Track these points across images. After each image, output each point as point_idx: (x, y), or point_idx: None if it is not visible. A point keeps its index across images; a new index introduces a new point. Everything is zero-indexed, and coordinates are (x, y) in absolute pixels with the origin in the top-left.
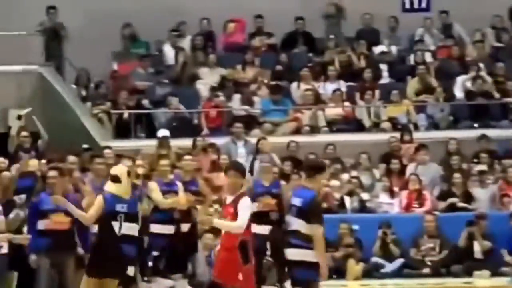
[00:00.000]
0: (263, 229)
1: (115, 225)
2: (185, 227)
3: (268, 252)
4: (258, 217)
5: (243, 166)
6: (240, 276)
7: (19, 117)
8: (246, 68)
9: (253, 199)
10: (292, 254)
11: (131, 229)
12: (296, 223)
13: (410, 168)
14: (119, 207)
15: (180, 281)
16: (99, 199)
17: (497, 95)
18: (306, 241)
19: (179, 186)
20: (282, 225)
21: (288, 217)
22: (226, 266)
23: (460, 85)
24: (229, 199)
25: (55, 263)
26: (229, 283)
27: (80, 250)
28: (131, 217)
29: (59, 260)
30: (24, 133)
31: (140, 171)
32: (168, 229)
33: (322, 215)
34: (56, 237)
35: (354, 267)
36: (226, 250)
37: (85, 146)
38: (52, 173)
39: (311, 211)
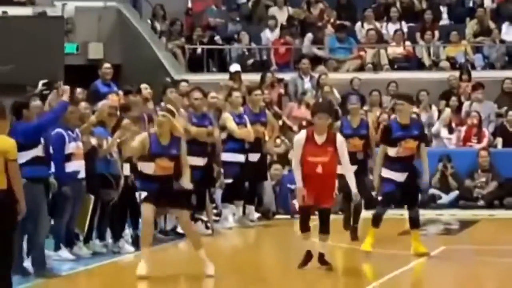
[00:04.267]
0: None
1: None
2: (255, 157)
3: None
4: None
5: (332, 106)
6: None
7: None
8: (310, 8)
9: None
10: None
11: None
12: None
13: (466, 105)
14: None
15: (249, 207)
16: None
17: None
18: None
19: (247, 119)
20: (367, 164)
21: None
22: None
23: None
24: (320, 138)
25: None
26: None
27: None
28: None
29: None
30: (106, 65)
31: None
32: (240, 158)
33: None
34: None
35: None
36: (329, 176)
37: (167, 79)
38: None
39: None
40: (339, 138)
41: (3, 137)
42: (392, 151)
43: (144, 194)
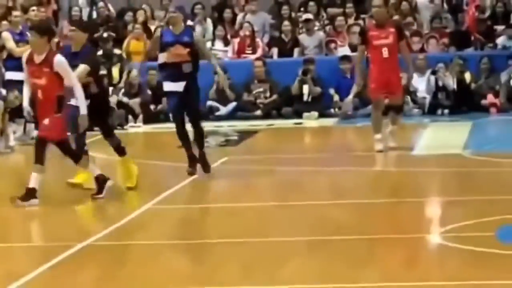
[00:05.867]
0: (177, 86)
1: None
2: None
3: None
4: (170, 72)
5: (48, 25)
6: (46, 121)
7: None
8: None
9: (162, 50)
10: None
11: None
12: None
13: (240, 17)
14: None
15: (30, 125)
16: None
17: None
18: None
19: (29, 35)
20: (196, 79)
21: None
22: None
23: None
24: (38, 58)
25: None
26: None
27: None
28: None
29: None
30: None
31: None
32: (22, 76)
33: None
34: None
35: None
36: (46, 103)
37: None
38: None
39: None
40: (57, 58)
41: None
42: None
43: None
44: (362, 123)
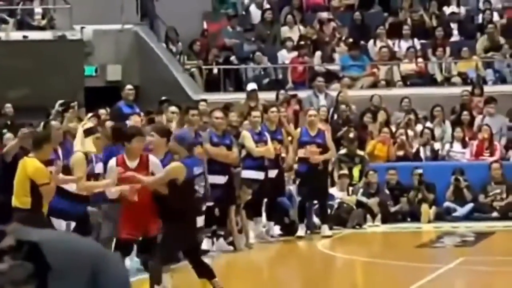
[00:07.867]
0: None
1: None
2: (273, 173)
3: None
4: None
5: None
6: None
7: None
8: (323, 27)
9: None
10: None
11: None
12: None
13: (478, 120)
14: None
15: (269, 223)
16: None
17: None
18: None
19: (268, 136)
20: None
21: None
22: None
23: None
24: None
25: None
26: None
27: None
28: None
29: None
30: (128, 87)
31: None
32: (259, 176)
33: None
34: None
35: (428, 210)
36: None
37: (163, 98)
38: None
39: None
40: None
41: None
42: None
43: None
44: None
